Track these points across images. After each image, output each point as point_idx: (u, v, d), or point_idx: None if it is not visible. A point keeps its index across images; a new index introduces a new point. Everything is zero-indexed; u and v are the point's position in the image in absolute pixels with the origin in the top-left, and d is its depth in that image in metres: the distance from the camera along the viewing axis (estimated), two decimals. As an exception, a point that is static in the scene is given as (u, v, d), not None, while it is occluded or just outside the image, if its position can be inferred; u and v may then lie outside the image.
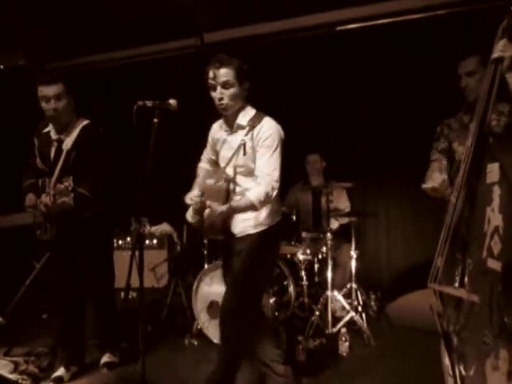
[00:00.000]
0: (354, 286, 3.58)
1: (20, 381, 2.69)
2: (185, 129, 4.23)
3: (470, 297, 1.64)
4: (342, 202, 4.06)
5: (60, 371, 2.78)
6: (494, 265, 1.55)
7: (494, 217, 1.58)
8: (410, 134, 3.98)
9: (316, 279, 3.68)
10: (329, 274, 3.38)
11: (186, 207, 2.25)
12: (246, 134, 2.18)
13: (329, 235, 3.43)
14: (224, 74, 2.13)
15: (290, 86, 4.16)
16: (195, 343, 3.30)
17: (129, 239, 4.31)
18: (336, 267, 3.62)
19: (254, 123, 2.17)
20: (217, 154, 2.40)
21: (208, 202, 2.04)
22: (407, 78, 3.93)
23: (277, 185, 2.10)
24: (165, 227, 4.36)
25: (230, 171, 2.24)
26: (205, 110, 2.34)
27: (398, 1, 3.82)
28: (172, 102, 2.21)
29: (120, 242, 4.39)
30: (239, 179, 2.24)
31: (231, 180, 2.22)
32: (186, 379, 2.78)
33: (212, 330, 3.25)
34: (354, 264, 3.59)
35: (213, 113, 2.29)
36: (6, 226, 3.94)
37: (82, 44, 4.52)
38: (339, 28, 4.05)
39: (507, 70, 1.86)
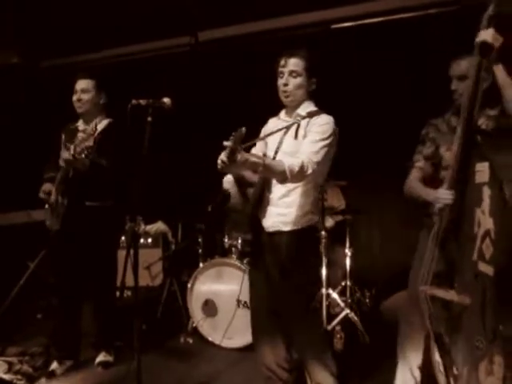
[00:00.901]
0: (349, 283, 3.60)
1: (14, 381, 2.68)
2: (179, 127, 4.22)
3: (462, 300, 1.61)
4: (337, 200, 4.07)
5: (53, 365, 2.83)
6: (486, 269, 1.52)
7: (485, 219, 1.54)
8: (403, 132, 3.98)
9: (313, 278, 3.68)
10: (323, 272, 3.39)
11: (179, 206, 2.25)
12: (303, 118, 2.14)
13: (323, 233, 3.44)
14: (294, 63, 2.14)
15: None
16: (190, 341, 3.30)
17: (123, 238, 4.30)
18: (331, 265, 3.64)
19: (312, 115, 2.14)
20: (266, 145, 2.31)
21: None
22: (401, 76, 3.94)
23: (314, 167, 1.97)
24: (159, 226, 4.35)
25: (279, 156, 2.16)
26: (199, 109, 2.34)
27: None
28: (166, 100, 2.21)
29: (115, 241, 4.38)
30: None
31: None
32: (181, 377, 2.78)
33: (207, 327, 3.26)
34: (348, 262, 3.61)
35: (207, 111, 2.29)
36: (3, 225, 3.92)
37: (76, 42, 4.49)
38: (334, 26, 4.05)
39: (494, 61, 1.79)
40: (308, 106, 2.22)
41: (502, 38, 1.75)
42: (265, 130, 2.36)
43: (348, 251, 3.61)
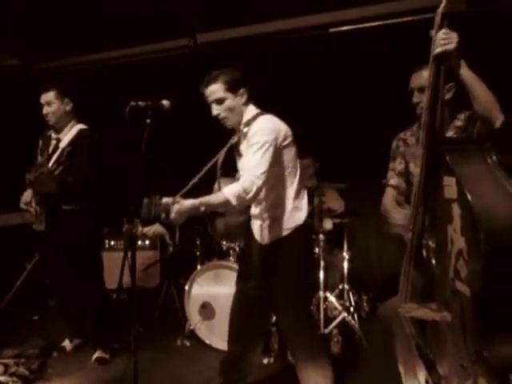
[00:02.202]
0: (346, 286, 3.60)
1: (10, 383, 2.66)
2: (178, 129, 4.22)
3: (443, 317, 1.55)
4: (336, 203, 4.07)
5: (64, 342, 3.21)
6: (462, 288, 1.44)
7: (457, 239, 1.45)
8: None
9: (308, 280, 3.68)
10: (321, 275, 3.39)
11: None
12: (243, 137, 2.16)
13: (321, 236, 3.44)
14: (212, 91, 2.14)
15: (282, 87, 4.16)
16: (187, 344, 3.29)
17: (121, 240, 4.29)
18: (328, 268, 3.63)
19: (248, 123, 2.15)
20: None
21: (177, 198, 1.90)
22: (399, 80, 3.94)
23: (258, 181, 1.95)
24: (157, 228, 4.35)
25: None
26: (198, 111, 2.34)
27: (392, 3, 3.83)
28: (165, 102, 2.22)
29: (112, 243, 4.37)
30: None
31: None
32: (178, 380, 2.78)
33: (204, 330, 3.25)
34: (346, 265, 3.60)
35: (206, 113, 2.29)
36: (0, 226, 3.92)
37: (75, 44, 4.49)
38: (332, 30, 4.05)
39: (457, 66, 1.64)
40: (246, 117, 2.20)
41: (456, 34, 1.60)
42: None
43: (346, 254, 3.61)
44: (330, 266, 3.73)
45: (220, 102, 2.14)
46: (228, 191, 1.92)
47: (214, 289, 3.24)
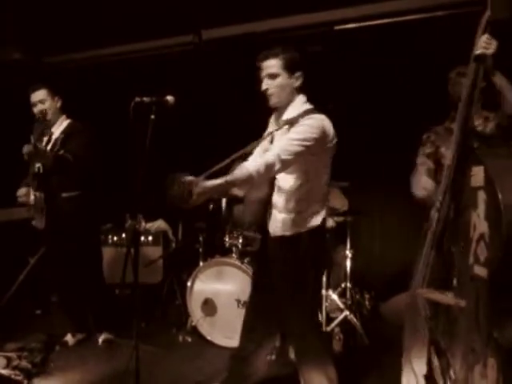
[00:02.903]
0: (349, 285, 3.59)
1: (12, 376, 2.68)
2: (182, 125, 4.22)
3: (457, 303, 1.61)
4: (339, 202, 4.06)
5: (67, 337, 3.22)
6: (481, 271, 1.52)
7: (480, 223, 1.54)
8: (405, 134, 3.97)
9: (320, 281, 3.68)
10: (324, 273, 3.38)
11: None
12: (279, 129, 2.11)
13: (324, 234, 3.43)
14: (269, 65, 2.10)
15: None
16: (189, 340, 3.30)
17: (124, 236, 4.30)
18: (331, 266, 3.63)
19: (292, 122, 2.07)
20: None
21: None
22: (404, 79, 3.93)
23: (280, 166, 1.92)
24: (160, 224, 4.35)
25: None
26: (202, 107, 2.34)
27: (397, 1, 3.81)
28: (169, 98, 2.22)
29: (115, 239, 4.38)
30: (279, 175, 2.11)
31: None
32: (180, 376, 2.78)
33: (206, 326, 3.26)
34: (348, 263, 3.60)
35: (211, 110, 2.29)
36: (2, 221, 3.92)
37: (79, 39, 4.49)
38: (337, 27, 4.04)
39: (492, 71, 1.84)
40: (297, 107, 2.16)
41: (496, 42, 1.76)
42: (270, 123, 2.36)
43: (348, 253, 3.61)
44: (333, 264, 3.73)
45: (273, 77, 2.10)
46: (251, 167, 1.91)
47: (216, 285, 3.24)
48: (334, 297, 3.40)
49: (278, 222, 2.17)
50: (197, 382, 2.69)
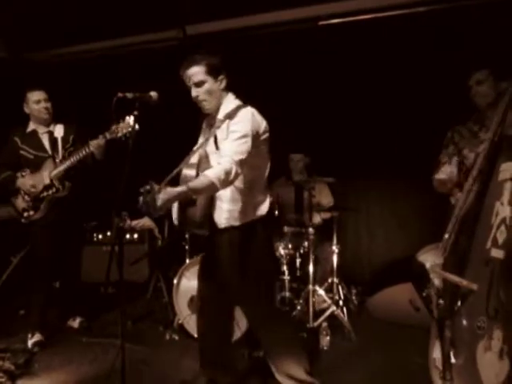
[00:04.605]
0: (336, 280, 3.61)
1: (-4, 378, 2.63)
2: (166, 121, 4.18)
3: (470, 285, 1.72)
4: (325, 197, 4.08)
5: (36, 337, 3.14)
6: (497, 254, 1.67)
7: (503, 209, 1.70)
8: (392, 130, 4.01)
9: (298, 274, 3.69)
10: (310, 269, 3.39)
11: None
12: (219, 127, 2.16)
13: (311, 230, 3.44)
14: (193, 73, 2.15)
15: (272, 80, 4.14)
16: (176, 338, 3.28)
17: (109, 234, 4.26)
18: (317, 262, 3.64)
19: (229, 116, 2.14)
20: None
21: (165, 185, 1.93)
22: (388, 73, 3.95)
23: (237, 167, 1.99)
24: (146, 221, 4.31)
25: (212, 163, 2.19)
26: (186, 103, 2.32)
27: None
28: (153, 94, 2.20)
29: (100, 237, 4.34)
30: None
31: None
32: (167, 374, 2.76)
33: (193, 324, 3.23)
34: (335, 259, 3.61)
35: (194, 105, 2.27)
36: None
37: (61, 34, 4.42)
38: (322, 22, 4.03)
39: None
40: (227, 105, 2.22)
41: None
42: (202, 130, 2.43)
43: (335, 248, 3.62)
44: (320, 259, 3.74)
45: (199, 84, 2.16)
46: (212, 174, 1.96)
47: (202, 283, 3.22)
48: (321, 292, 3.40)
49: (225, 213, 2.20)
50: (184, 380, 2.67)
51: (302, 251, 3.68)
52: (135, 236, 4.32)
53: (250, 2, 3.92)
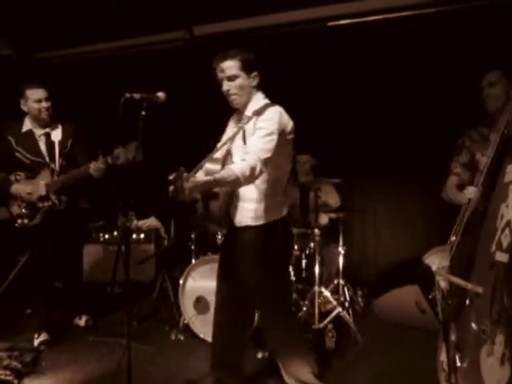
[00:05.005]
0: (342, 281, 3.59)
1: (3, 376, 2.64)
2: (173, 122, 4.19)
3: (475, 288, 1.71)
4: (332, 198, 4.07)
5: (43, 336, 3.13)
6: (502, 257, 1.64)
7: (508, 212, 1.66)
8: (399, 130, 3.99)
9: (303, 275, 3.68)
10: (316, 270, 3.38)
11: (172, 201, 2.23)
12: (248, 122, 2.15)
13: (317, 231, 3.43)
14: (227, 67, 2.14)
15: (279, 81, 4.13)
16: (182, 338, 3.28)
17: (115, 233, 4.27)
18: (323, 263, 3.63)
19: (257, 113, 2.13)
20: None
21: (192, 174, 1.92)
22: (396, 74, 3.94)
23: (261, 166, 1.98)
24: (152, 221, 4.32)
25: (236, 158, 2.19)
26: (193, 103, 2.32)
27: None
28: (160, 94, 2.20)
29: (106, 236, 4.35)
30: None
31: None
32: (172, 374, 2.77)
33: (198, 325, 3.25)
34: (341, 260, 3.60)
35: (201, 106, 2.28)
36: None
37: (69, 35, 4.44)
38: (331, 23, 4.02)
39: None
40: (256, 103, 2.22)
41: None
42: (228, 126, 2.42)
43: (341, 249, 3.61)
44: (326, 260, 3.73)
45: (232, 78, 2.15)
46: (237, 169, 1.94)
47: (208, 283, 3.22)
48: (327, 293, 3.40)
49: (246, 212, 2.20)
50: (189, 380, 2.68)
51: (307, 252, 3.67)
52: (141, 236, 4.33)
53: (257, 2, 3.92)
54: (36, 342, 3.10)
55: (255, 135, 2.07)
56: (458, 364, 1.77)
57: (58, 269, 3.34)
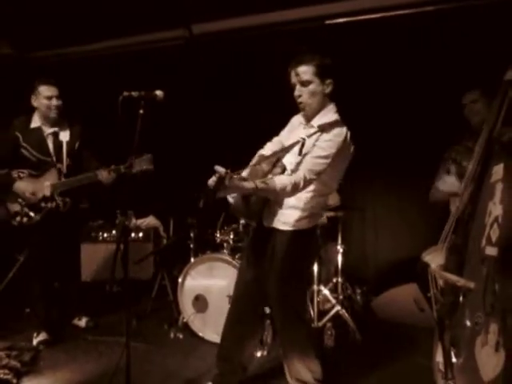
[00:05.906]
0: (340, 280, 3.60)
1: (2, 375, 2.64)
2: (172, 120, 4.18)
3: (467, 284, 1.74)
4: (332, 198, 4.05)
5: (42, 336, 3.13)
6: (492, 251, 1.68)
7: (495, 208, 1.72)
8: (398, 130, 3.99)
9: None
10: (315, 269, 3.39)
11: (171, 200, 2.24)
12: (311, 136, 2.09)
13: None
14: (302, 71, 2.09)
15: (276, 80, 4.12)
16: (181, 336, 3.28)
17: (114, 232, 4.27)
18: (322, 261, 3.63)
19: (324, 129, 2.07)
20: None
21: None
22: (395, 73, 3.93)
23: (305, 184, 1.98)
24: (151, 220, 4.33)
25: (286, 162, 2.18)
26: (192, 102, 2.32)
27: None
28: (158, 92, 2.20)
29: (105, 235, 4.35)
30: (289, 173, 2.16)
31: (282, 169, 2.16)
32: (171, 373, 2.77)
33: (197, 323, 3.25)
34: (340, 258, 3.60)
35: (201, 105, 2.27)
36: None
37: (68, 33, 4.43)
38: (328, 22, 4.02)
39: None
40: (325, 115, 2.17)
41: None
42: (292, 123, 2.36)
43: (340, 248, 3.61)
44: (324, 259, 3.73)
45: (305, 84, 2.10)
46: (279, 184, 1.93)
47: (207, 281, 3.23)
48: (326, 292, 3.40)
49: (282, 216, 2.19)
50: (188, 378, 2.68)
51: (306, 251, 3.66)
52: (140, 234, 4.32)
53: (256, 0, 3.92)
54: (35, 342, 3.10)
55: (312, 152, 2.04)
56: (454, 360, 1.79)
57: (57, 268, 3.34)
